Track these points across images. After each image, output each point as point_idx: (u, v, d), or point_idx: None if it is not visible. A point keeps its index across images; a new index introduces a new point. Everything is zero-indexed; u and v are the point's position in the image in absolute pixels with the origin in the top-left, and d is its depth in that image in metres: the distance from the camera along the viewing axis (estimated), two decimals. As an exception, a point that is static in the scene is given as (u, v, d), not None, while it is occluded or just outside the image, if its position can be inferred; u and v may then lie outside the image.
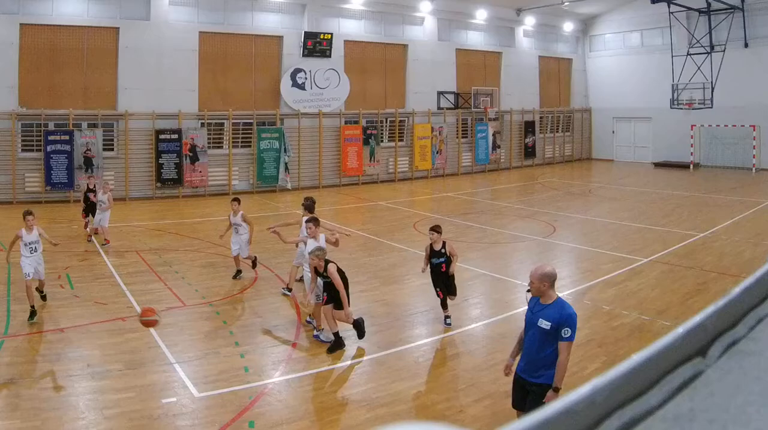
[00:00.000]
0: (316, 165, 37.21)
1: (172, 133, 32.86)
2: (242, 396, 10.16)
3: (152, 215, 28.34)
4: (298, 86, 36.71)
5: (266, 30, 35.95)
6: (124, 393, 10.12)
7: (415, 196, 35.17)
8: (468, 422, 9.18)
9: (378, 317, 14.00)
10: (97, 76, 31.77)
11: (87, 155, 30.99)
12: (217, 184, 34.26)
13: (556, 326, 7.61)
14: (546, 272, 7.81)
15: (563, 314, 7.67)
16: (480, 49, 44.43)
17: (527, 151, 46.55)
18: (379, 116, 39.51)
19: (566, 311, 7.72)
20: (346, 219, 28.05)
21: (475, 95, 42.88)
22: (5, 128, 29.72)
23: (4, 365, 11.09)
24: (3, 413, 9.51)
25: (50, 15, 30.55)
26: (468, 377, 10.87)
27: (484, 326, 13.73)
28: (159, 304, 14.26)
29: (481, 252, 20.59)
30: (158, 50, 32.66)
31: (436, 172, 41.65)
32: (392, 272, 18.14)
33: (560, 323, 7.62)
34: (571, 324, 7.66)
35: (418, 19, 41.30)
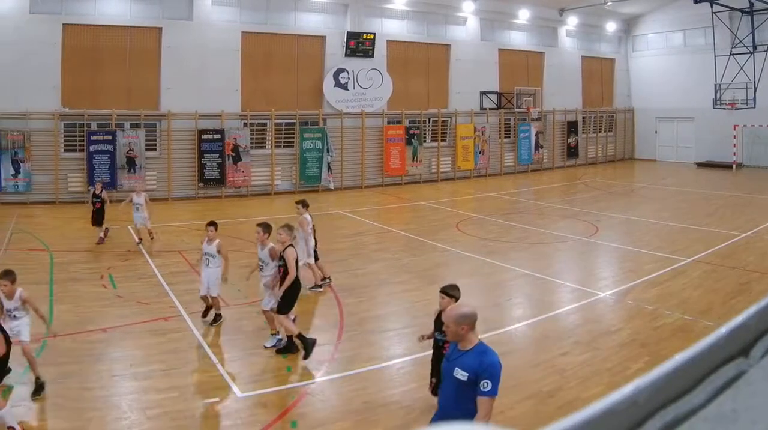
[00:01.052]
0: (359, 165, 35.47)
1: (215, 133, 31.33)
2: (285, 396, 9.91)
3: (194, 215, 26.99)
4: (341, 86, 35.01)
5: (309, 30, 34.27)
6: (166, 393, 9.87)
7: (457, 196, 33.54)
8: (510, 422, 8.81)
9: (420, 317, 13.23)
10: (139, 76, 30.30)
11: (130, 155, 29.56)
12: (260, 184, 32.67)
13: (474, 378, 6.26)
14: (463, 313, 6.47)
15: (483, 362, 6.33)
16: (523, 49, 42.29)
17: (570, 151, 44.41)
18: (422, 116, 37.63)
19: (487, 358, 6.38)
20: (388, 219, 26.92)
21: (517, 95, 40.78)
22: (48, 128, 28.32)
23: (48, 365, 10.62)
24: (47, 413, 9.35)
25: (93, 15, 29.10)
26: (510, 377, 9.82)
27: (526, 326, 13.18)
28: (202, 304, 13.68)
29: (523, 252, 19.80)
30: (201, 50, 31.10)
31: (478, 172, 39.66)
32: (435, 272, 17.29)
33: (479, 373, 6.26)
34: (493, 375, 6.27)
35: (460, 19, 39.28)
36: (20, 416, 9.12)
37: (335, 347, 11.99)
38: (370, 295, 15.29)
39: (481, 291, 15.73)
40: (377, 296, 15.33)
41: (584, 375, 10.43)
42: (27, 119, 27.83)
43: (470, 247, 20.27)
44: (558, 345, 11.84)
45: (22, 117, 27.72)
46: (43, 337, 11.79)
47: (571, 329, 12.86)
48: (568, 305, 14.54)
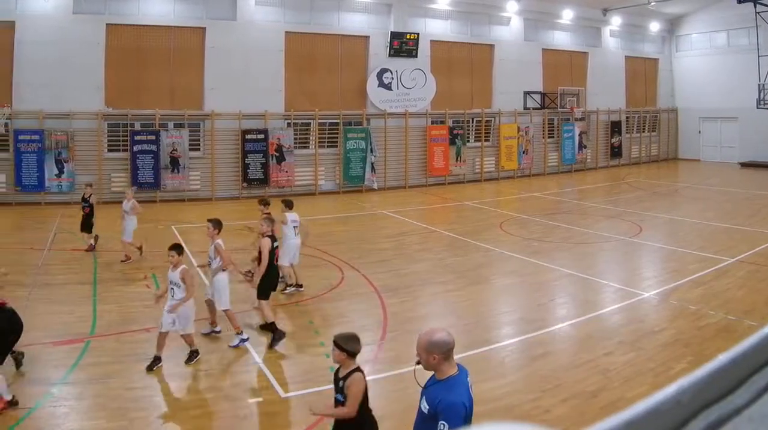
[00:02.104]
0: (402, 165, 33.53)
1: (259, 133, 29.61)
2: (328, 396, 8.79)
3: (238, 215, 25.28)
4: (385, 86, 33.06)
5: (352, 30, 32.41)
6: (210, 393, 9.60)
7: (501, 196, 31.77)
8: (554, 422, 8.46)
9: (464, 317, 13.04)
10: (183, 76, 28.72)
11: (173, 155, 27.96)
12: (304, 184, 30.87)
13: (434, 413, 5.12)
14: (433, 341, 5.33)
15: (443, 400, 5.10)
16: (566, 49, 39.87)
17: (613, 151, 41.87)
18: (466, 116, 35.51)
19: (448, 397, 5.11)
20: (432, 219, 25.53)
21: (561, 95, 38.54)
22: (92, 128, 26.78)
23: (91, 365, 10.40)
24: (90, 413, 8.96)
25: (136, 15, 27.51)
26: (554, 377, 9.98)
27: (570, 326, 12.60)
28: (245, 304, 13.28)
29: (567, 252, 18.90)
30: (244, 50, 29.38)
31: (522, 172, 37.48)
32: (478, 272, 16.67)
33: (437, 410, 5.10)
34: (450, 418, 4.99)
35: (504, 19, 37.07)
36: (61, 417, 8.76)
37: (378, 347, 11.44)
38: (413, 295, 14.55)
39: (524, 291, 15.18)
40: (420, 296, 14.61)
41: (628, 375, 10.05)
42: (71, 119, 26.38)
43: (514, 247, 19.35)
44: (601, 345, 11.38)
45: (65, 117, 26.28)
46: (86, 337, 11.45)
47: (614, 329, 12.34)
48: (611, 305, 13.96)
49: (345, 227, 23.35)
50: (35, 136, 25.88)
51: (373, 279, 15.65)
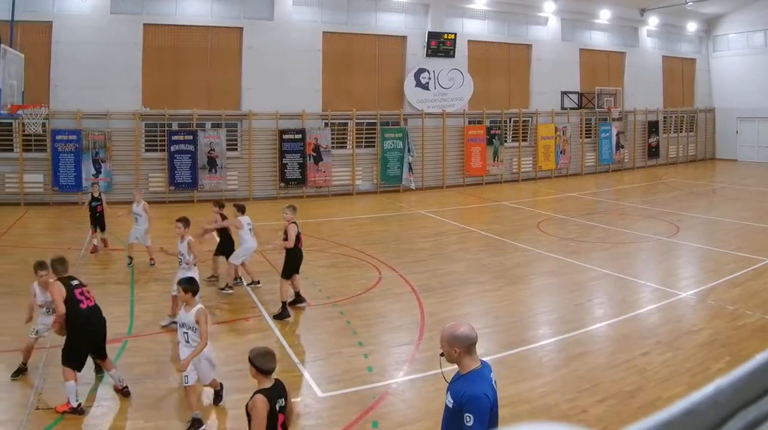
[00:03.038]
0: (440, 165, 31.63)
1: (296, 133, 27.92)
2: (366, 396, 9.14)
3: (276, 215, 23.65)
4: (422, 86, 31.18)
5: (390, 30, 30.55)
6: (247, 393, 8.00)
7: (538, 196, 30.02)
8: (591, 422, 8.11)
9: (502, 317, 12.54)
10: (220, 76, 27.11)
11: (211, 155, 26.43)
12: (341, 184, 29.22)
13: (459, 407, 4.88)
14: (456, 334, 5.10)
15: (466, 393, 4.88)
16: (603, 49, 37.53)
17: (651, 151, 39.44)
18: (503, 116, 33.44)
19: (470, 390, 4.89)
20: (469, 219, 24.07)
21: (598, 95, 36.20)
22: (129, 128, 25.33)
23: (128, 365, 9.97)
24: (128, 413, 8.67)
25: (173, 15, 25.98)
26: (591, 377, 9.59)
27: (607, 326, 12.09)
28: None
29: (604, 252, 18.05)
30: (282, 50, 27.71)
31: (559, 172, 35.35)
32: (516, 272, 15.93)
33: (461, 403, 4.87)
34: (473, 409, 4.79)
35: (541, 19, 34.90)
36: (99, 417, 8.53)
37: (416, 347, 10.98)
38: (450, 295, 13.89)
39: (562, 291, 14.45)
40: (458, 296, 13.94)
41: (665, 375, 9.63)
42: (108, 119, 24.93)
43: (551, 247, 18.43)
44: (639, 345, 10.88)
45: (103, 117, 24.83)
46: (123, 337, 11.07)
47: (651, 329, 11.78)
48: (649, 304, 13.34)
49: (382, 227, 22.17)
50: (72, 136, 24.49)
51: (410, 279, 14.83)
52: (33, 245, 18.09)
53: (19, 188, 24.18)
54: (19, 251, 17.38)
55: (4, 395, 9.00)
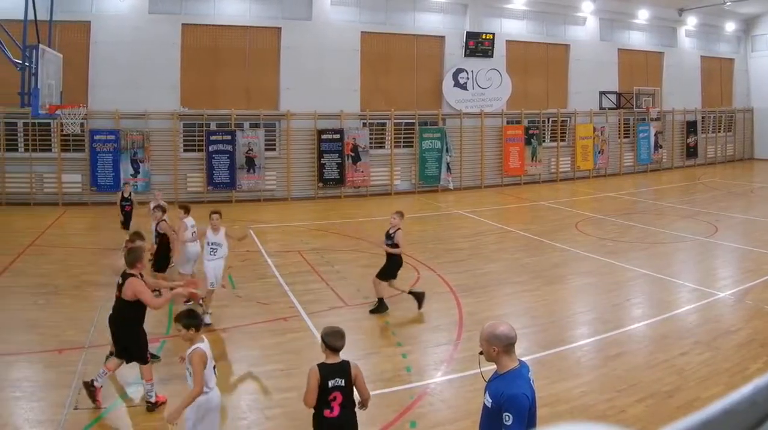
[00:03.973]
0: (478, 165, 29.49)
1: (334, 133, 26.07)
2: (404, 396, 8.51)
3: (314, 215, 23.01)
4: (460, 86, 29.11)
5: (428, 30, 28.47)
6: (286, 393, 8.39)
7: (576, 196, 27.94)
8: (629, 422, 7.54)
9: (540, 316, 11.80)
10: (258, 76, 25.33)
11: (249, 155, 24.70)
12: (379, 184, 27.26)
13: (498, 407, 4.51)
14: (495, 333, 4.70)
15: (504, 393, 4.50)
16: (642, 49, 34.96)
17: (689, 151, 36.75)
18: (541, 116, 31.22)
19: (509, 389, 4.51)
20: (507, 219, 22.50)
21: (636, 95, 33.69)
22: (167, 128, 23.65)
23: (168, 365, 9.30)
24: (163, 413, 7.68)
25: (212, 15, 24.25)
26: (629, 377, 8.93)
27: (645, 326, 11.33)
28: (321, 304, 12.34)
29: (642, 252, 16.88)
30: (320, 50, 25.84)
31: (597, 172, 32.89)
32: (554, 272, 14.99)
33: (500, 403, 4.50)
34: (513, 409, 4.43)
35: (580, 19, 32.48)
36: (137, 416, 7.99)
37: (455, 347, 10.36)
38: (489, 295, 13.12)
39: (600, 291, 13.55)
40: (496, 296, 13.21)
41: (703, 375, 9.05)
42: (146, 119, 23.29)
43: (589, 247, 17.33)
44: (677, 345, 10.26)
45: (141, 117, 23.21)
46: (161, 337, 10.40)
47: (689, 329, 11.11)
48: (687, 305, 12.56)
49: (420, 227, 20.55)
50: (111, 136, 22.90)
51: (448, 279, 13.91)
52: (71, 245, 17.18)
53: (57, 188, 22.61)
54: (57, 251, 16.50)
55: (43, 395, 8.36)
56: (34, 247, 16.86)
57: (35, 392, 8.45)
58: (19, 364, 9.40)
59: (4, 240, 17.44)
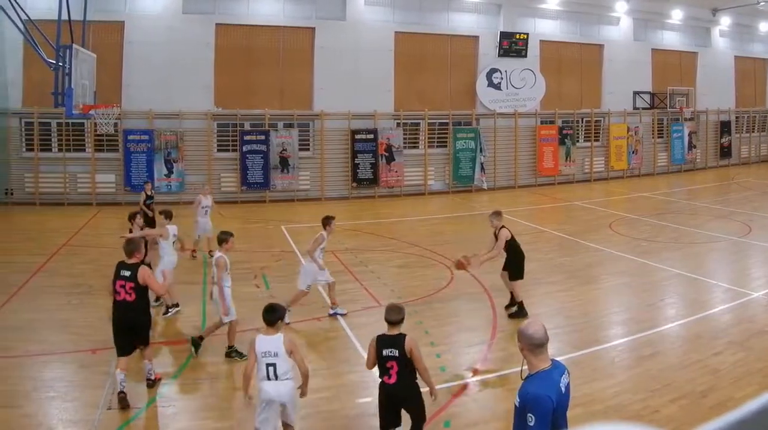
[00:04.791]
0: (512, 165, 27.35)
1: (368, 133, 24.22)
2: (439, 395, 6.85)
3: (348, 215, 21.28)
4: (494, 86, 27.02)
5: (462, 30, 26.41)
6: (320, 393, 7.67)
7: (610, 196, 25.92)
8: (663, 422, 7.07)
9: (574, 317, 10.99)
10: (292, 76, 23.55)
11: (283, 155, 23.01)
12: (413, 184, 25.28)
13: (522, 407, 4.17)
14: (524, 332, 4.31)
15: (528, 392, 4.16)
16: (675, 49, 32.40)
17: (723, 151, 34.09)
18: (575, 116, 28.97)
19: (534, 390, 4.14)
20: (541, 219, 20.95)
21: (670, 95, 31.22)
22: (201, 128, 21.99)
23: (200, 365, 8.80)
24: (199, 413, 7.53)
25: (246, 15, 22.55)
26: (663, 377, 8.26)
27: (679, 326, 10.58)
28: (355, 304, 11.40)
29: (676, 252, 15.85)
30: (354, 50, 24.01)
31: (631, 172, 30.53)
32: (588, 272, 14.11)
33: (524, 403, 4.16)
34: (535, 410, 4.07)
35: (613, 19, 30.15)
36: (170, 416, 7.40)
37: (488, 347, 9.67)
38: (523, 295, 11.55)
39: (634, 291, 12.69)
40: (531, 296, 11.95)
41: (737, 375, 8.28)
42: (180, 119, 21.66)
43: (623, 247, 16.23)
44: (711, 345, 9.54)
45: (175, 117, 21.59)
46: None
47: (723, 329, 10.35)
48: (721, 305, 11.77)
49: (455, 227, 19.22)
50: (144, 136, 21.34)
51: (483, 279, 12.80)
52: (104, 245, 15.93)
53: (91, 188, 21.09)
54: (90, 251, 15.62)
55: (76, 395, 7.84)
56: (68, 247, 15.94)
57: (69, 392, 7.92)
58: (53, 364, 8.83)
59: (38, 240, 16.49)
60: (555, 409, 4.12)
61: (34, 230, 18.16)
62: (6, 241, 16.60)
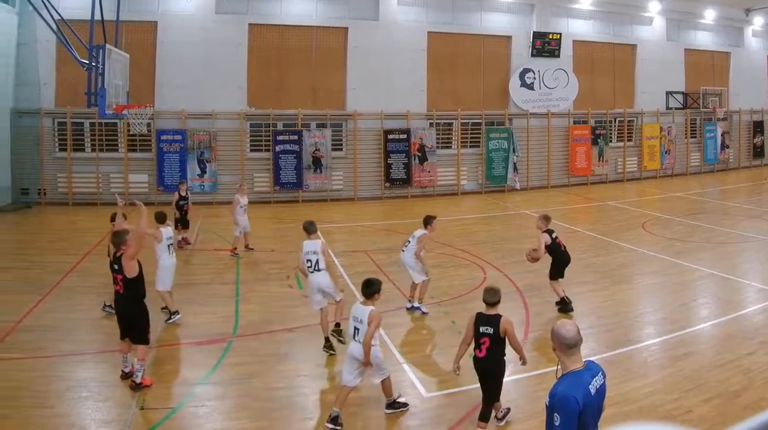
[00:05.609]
0: (545, 165, 25.14)
1: (401, 133, 22.26)
2: (471, 396, 7.00)
3: (381, 215, 19.78)
4: (527, 86, 24.89)
5: (495, 30, 24.24)
6: (353, 393, 6.86)
7: (643, 196, 23.87)
8: (696, 422, 6.55)
9: (607, 316, 9.96)
10: (325, 76, 21.64)
11: (316, 155, 21.28)
12: (446, 184, 23.24)
13: (551, 406, 3.84)
14: (556, 332, 4.00)
15: (558, 393, 3.81)
16: (708, 49, 29.79)
17: (756, 151, 31.30)
18: (608, 116, 26.64)
19: (562, 390, 3.81)
20: (574, 219, 19.34)
21: (703, 95, 28.59)
22: (234, 128, 20.25)
23: (233, 365, 8.05)
24: (232, 413, 6.91)
25: (278, 15, 20.76)
26: (696, 377, 7.58)
27: (712, 326, 9.61)
28: (388, 304, 10.16)
29: (709, 252, 14.63)
30: (387, 50, 22.04)
31: (664, 171, 28.03)
32: (621, 272, 12.97)
33: (553, 402, 3.82)
34: (561, 410, 3.75)
35: (646, 19, 27.70)
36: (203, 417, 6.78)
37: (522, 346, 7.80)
38: (555, 295, 10.59)
39: (667, 291, 11.63)
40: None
41: None
42: (213, 119, 19.93)
43: (656, 247, 14.99)
44: (744, 345, 8.58)
45: (208, 117, 19.87)
46: (228, 337, 9.00)
47: (756, 329, 9.32)
48: (754, 304, 10.69)
49: (487, 227, 17.87)
50: (177, 136, 19.69)
51: (515, 279, 12.12)
52: None
53: (124, 188, 19.34)
54: None
55: (109, 395, 7.27)
56: (101, 247, 14.33)
57: (102, 391, 7.38)
58: (86, 364, 8.26)
59: (71, 240, 15.31)
60: (582, 411, 3.75)
61: (66, 229, 16.87)
62: (39, 241, 15.56)
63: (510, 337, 6.28)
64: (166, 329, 9.32)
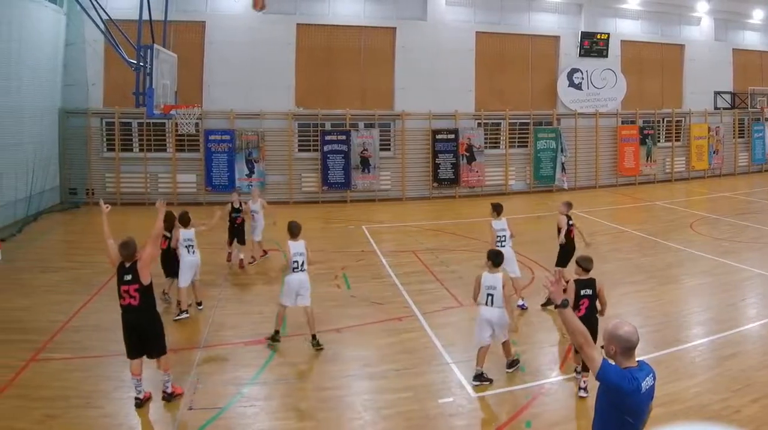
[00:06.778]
0: (593, 165, 22.10)
1: (449, 133, 19.64)
2: (519, 396, 6.50)
3: (429, 215, 17.52)
4: (575, 86, 21.98)
5: (543, 30, 21.32)
6: (400, 393, 6.54)
7: (691, 196, 21.22)
8: (744, 422, 5.80)
9: (654, 317, 8.87)
10: (373, 76, 19.05)
11: (364, 155, 18.86)
12: (494, 184, 20.48)
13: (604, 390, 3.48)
14: (617, 333, 3.47)
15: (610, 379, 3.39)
16: (757, 49, 26.09)
17: None
18: (656, 116, 23.49)
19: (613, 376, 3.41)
20: (622, 219, 17.20)
21: (751, 95, 25.13)
22: (282, 128, 17.88)
23: (282, 365, 7.31)
24: (279, 413, 6.22)
25: (326, 15, 18.36)
26: (744, 377, 6.73)
27: (760, 326, 8.44)
28: (436, 304, 9.35)
29: (757, 252, 12.83)
30: (435, 50, 19.34)
31: (712, 172, 24.63)
32: (668, 272, 11.44)
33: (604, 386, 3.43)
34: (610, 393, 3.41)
35: (694, 19, 24.42)
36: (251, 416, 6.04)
37: (568, 348, 7.47)
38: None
39: (714, 291, 10.10)
40: (610, 296, 8.34)
41: None
42: (261, 119, 17.59)
43: (704, 247, 13.37)
44: None
45: (256, 117, 17.51)
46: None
47: None
48: None
49: (535, 227, 15.81)
50: (226, 136, 17.43)
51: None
52: None
53: (172, 188, 17.18)
54: None
55: (157, 395, 6.30)
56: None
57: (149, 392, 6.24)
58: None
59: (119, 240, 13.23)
60: (629, 405, 3.34)
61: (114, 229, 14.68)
62: (87, 241, 13.65)
63: (601, 295, 6.43)
64: (214, 328, 8.38)
